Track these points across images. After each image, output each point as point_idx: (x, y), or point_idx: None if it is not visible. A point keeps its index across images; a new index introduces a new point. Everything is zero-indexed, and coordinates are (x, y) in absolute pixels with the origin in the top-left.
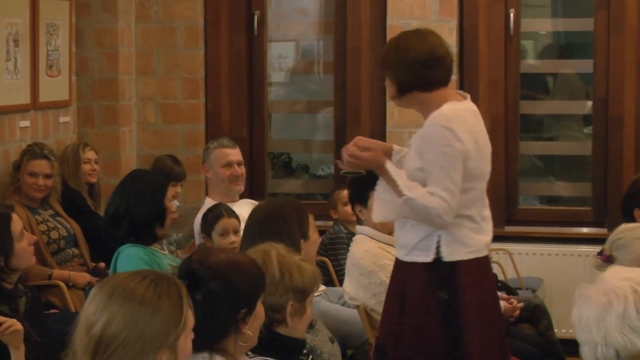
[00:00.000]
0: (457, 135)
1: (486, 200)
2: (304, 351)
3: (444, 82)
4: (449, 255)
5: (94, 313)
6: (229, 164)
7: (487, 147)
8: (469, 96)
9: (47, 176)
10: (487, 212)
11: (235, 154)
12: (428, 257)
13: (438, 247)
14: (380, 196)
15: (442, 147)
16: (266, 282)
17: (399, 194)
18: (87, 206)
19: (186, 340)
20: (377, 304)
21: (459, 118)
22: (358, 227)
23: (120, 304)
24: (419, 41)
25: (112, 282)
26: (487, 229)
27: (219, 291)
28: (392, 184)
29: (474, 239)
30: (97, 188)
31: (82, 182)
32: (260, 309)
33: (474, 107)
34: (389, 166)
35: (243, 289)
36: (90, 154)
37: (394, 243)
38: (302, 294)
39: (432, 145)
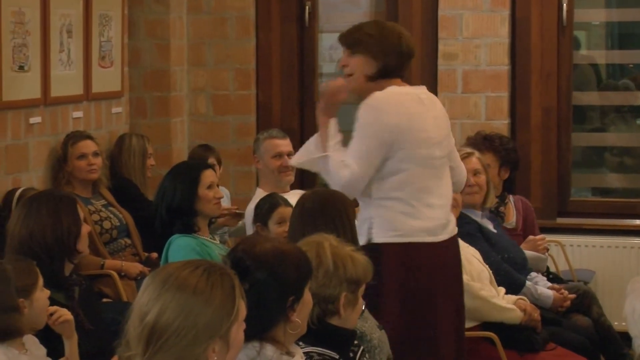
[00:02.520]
0: (381, 116)
1: (440, 189)
2: (355, 342)
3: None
4: (376, 237)
5: (147, 302)
6: (279, 155)
7: (428, 131)
8: (423, 87)
9: (95, 154)
10: (437, 200)
11: (285, 144)
12: (363, 240)
13: (370, 229)
14: (308, 144)
15: (364, 125)
16: (313, 270)
17: (324, 149)
18: (141, 194)
19: (238, 330)
20: None
21: (389, 99)
22: None
23: (173, 293)
24: (404, 32)
25: (165, 272)
26: (430, 216)
27: (266, 280)
28: (324, 138)
29: (404, 222)
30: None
31: (146, 176)
32: (308, 296)
33: (420, 92)
34: (333, 123)
35: (290, 276)
36: (151, 149)
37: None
38: (356, 284)
39: (358, 123)
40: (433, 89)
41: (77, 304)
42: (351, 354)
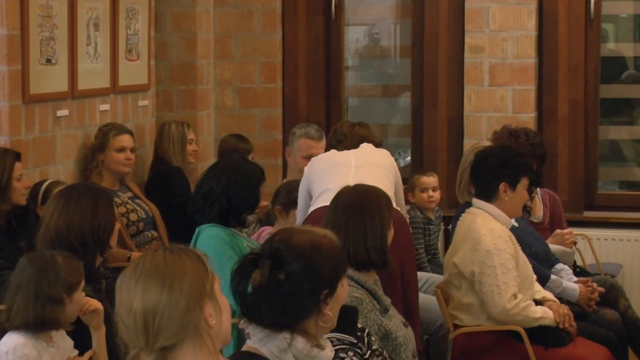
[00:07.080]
0: None
1: None
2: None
3: None
4: None
5: (128, 295)
6: (310, 157)
7: None
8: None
9: (132, 150)
10: None
11: (318, 147)
12: None
13: None
14: None
15: None
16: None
17: None
18: (183, 181)
19: (219, 289)
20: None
21: None
22: (480, 202)
23: (148, 275)
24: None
25: (131, 267)
26: None
27: (302, 271)
28: None
29: None
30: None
31: (187, 162)
32: (341, 291)
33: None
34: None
35: (325, 269)
36: (192, 135)
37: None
38: None
39: None
40: (459, 82)
41: (105, 296)
42: (359, 333)
